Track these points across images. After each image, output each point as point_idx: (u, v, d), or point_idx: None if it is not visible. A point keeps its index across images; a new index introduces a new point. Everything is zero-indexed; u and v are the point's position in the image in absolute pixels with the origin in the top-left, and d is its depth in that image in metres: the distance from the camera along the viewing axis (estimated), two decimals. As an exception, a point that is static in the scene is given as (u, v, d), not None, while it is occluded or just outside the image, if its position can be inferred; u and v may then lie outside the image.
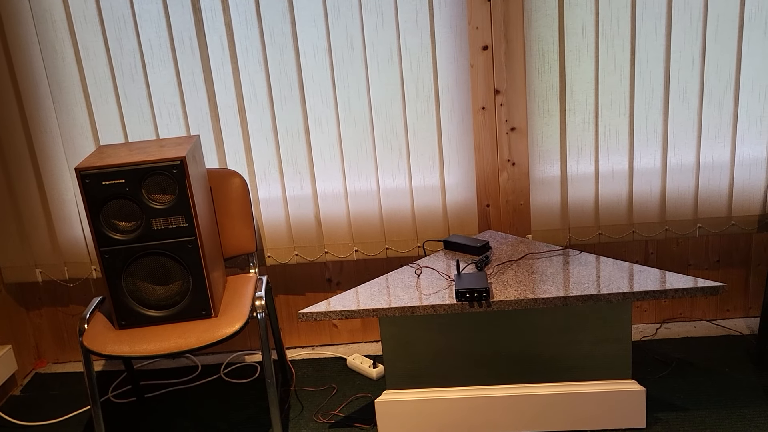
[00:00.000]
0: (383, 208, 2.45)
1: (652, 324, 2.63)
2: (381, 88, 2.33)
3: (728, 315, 2.61)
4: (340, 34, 2.27)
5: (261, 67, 2.31)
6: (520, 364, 2.06)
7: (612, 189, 2.39)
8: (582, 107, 2.32)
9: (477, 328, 2.04)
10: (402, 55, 2.29)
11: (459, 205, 2.45)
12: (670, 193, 2.37)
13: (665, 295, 1.88)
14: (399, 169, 2.41)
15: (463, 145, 2.39)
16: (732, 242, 2.50)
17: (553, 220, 2.44)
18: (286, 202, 2.45)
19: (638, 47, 2.24)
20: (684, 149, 2.33)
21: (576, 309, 1.99)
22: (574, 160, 2.38)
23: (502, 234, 2.40)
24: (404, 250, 2.50)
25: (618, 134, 2.33)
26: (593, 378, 2.06)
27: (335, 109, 2.35)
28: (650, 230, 2.43)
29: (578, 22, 2.23)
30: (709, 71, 2.24)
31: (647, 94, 2.28)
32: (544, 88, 2.31)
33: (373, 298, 2.03)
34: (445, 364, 2.08)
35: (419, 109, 2.35)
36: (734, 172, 2.34)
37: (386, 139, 2.38)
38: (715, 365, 2.34)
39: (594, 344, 2.02)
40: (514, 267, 2.12)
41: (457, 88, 2.34)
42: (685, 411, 2.13)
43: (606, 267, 2.07)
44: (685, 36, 2.22)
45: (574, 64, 2.28)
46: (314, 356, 2.66)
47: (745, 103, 2.27)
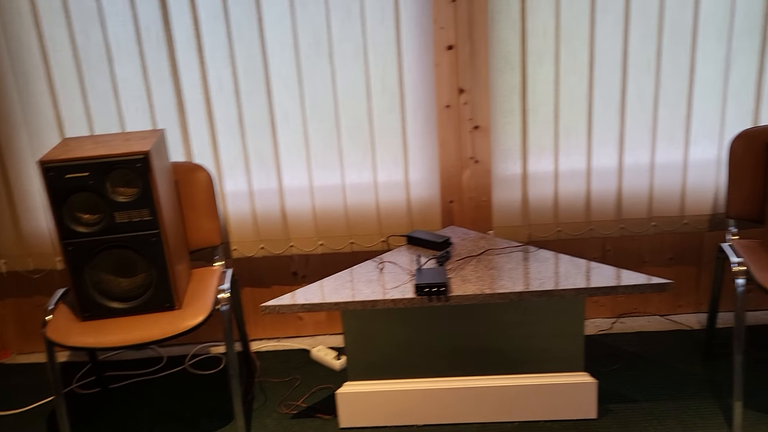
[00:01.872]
0: (348, 202, 2.49)
1: (608, 318, 2.72)
2: (347, 85, 2.36)
3: (680, 310, 2.70)
4: (306, 30, 2.30)
5: (228, 62, 2.33)
6: (478, 357, 2.13)
7: (571, 187, 2.46)
8: (543, 107, 2.38)
9: (437, 321, 2.09)
10: (368, 53, 2.33)
11: (423, 201, 2.50)
12: (625, 192, 2.45)
13: (615, 292, 1.96)
14: (364, 164, 2.45)
15: (427, 142, 2.44)
16: (685, 240, 2.59)
17: (515, 217, 2.51)
18: (252, 196, 2.48)
19: (597, 50, 2.31)
20: (639, 150, 2.40)
21: (532, 304, 2.06)
22: (535, 159, 2.44)
23: (464, 230, 2.46)
24: (369, 244, 2.54)
25: (577, 134, 2.40)
26: (548, 371, 2.13)
27: (301, 104, 2.38)
28: (607, 228, 2.51)
29: (540, 25, 2.29)
30: (664, 75, 2.32)
31: (605, 96, 2.35)
32: (507, 88, 2.37)
33: (336, 291, 2.07)
34: (406, 356, 2.14)
35: (385, 106, 2.39)
36: (687, 173, 2.42)
37: (352, 135, 2.42)
38: (666, 358, 2.43)
39: (549, 338, 2.10)
40: (474, 262, 2.18)
41: (422, 86, 2.38)
42: (635, 402, 2.21)
43: (562, 264, 2.13)
44: (642, 41, 2.29)
45: (536, 65, 2.33)
46: (279, 348, 2.70)
47: (698, 107, 2.35)
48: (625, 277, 2.01)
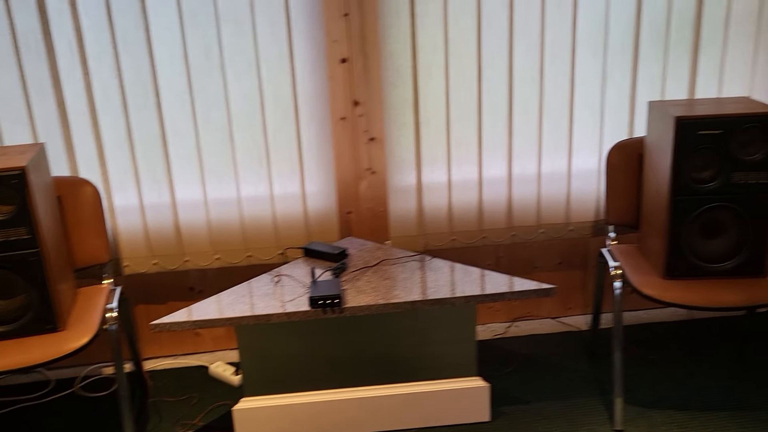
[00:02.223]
0: (244, 215, 2.46)
1: (503, 323, 2.81)
2: (240, 97, 2.34)
3: (570, 312, 2.84)
4: (196, 42, 2.27)
5: (114, 73, 2.26)
6: (375, 367, 2.16)
7: (464, 197, 2.54)
8: (435, 120, 2.44)
9: (334, 332, 2.11)
10: (260, 65, 2.32)
11: (320, 213, 2.51)
12: (515, 201, 2.55)
13: (503, 298, 2.04)
14: (260, 177, 2.43)
15: (323, 154, 2.45)
16: (571, 246, 2.72)
17: (411, 227, 2.56)
18: (144, 211, 2.41)
19: (484, 65, 2.40)
20: (527, 160, 2.51)
21: (425, 312, 2.11)
22: (428, 170, 2.50)
23: (361, 240, 2.49)
24: (266, 257, 2.52)
25: (468, 145, 2.48)
26: (443, 377, 2.18)
27: (193, 117, 2.34)
28: (499, 235, 2.60)
29: (429, 40, 2.35)
30: (547, 89, 2.44)
31: (493, 109, 2.45)
32: (400, 101, 2.42)
33: (230, 306, 2.04)
34: (304, 369, 2.13)
35: (279, 119, 2.38)
36: (571, 182, 2.55)
37: (246, 148, 2.40)
38: (556, 360, 2.54)
39: (443, 345, 2.15)
40: (369, 273, 2.21)
41: (316, 99, 2.39)
42: (526, 403, 2.30)
43: (454, 272, 2.20)
44: (525, 56, 2.39)
45: (427, 78, 2.40)
46: (176, 366, 2.63)
47: (579, 119, 2.48)
48: (513, 284, 2.09)
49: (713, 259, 2.09)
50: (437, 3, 2.32)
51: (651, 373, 2.43)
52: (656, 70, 2.45)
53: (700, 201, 2.04)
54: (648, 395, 2.30)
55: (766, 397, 2.26)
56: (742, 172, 2.01)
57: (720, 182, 2.02)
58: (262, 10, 2.26)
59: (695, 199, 2.04)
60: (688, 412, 2.21)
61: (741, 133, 1.99)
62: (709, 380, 2.37)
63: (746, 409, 2.21)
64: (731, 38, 2.43)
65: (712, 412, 2.20)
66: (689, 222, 2.05)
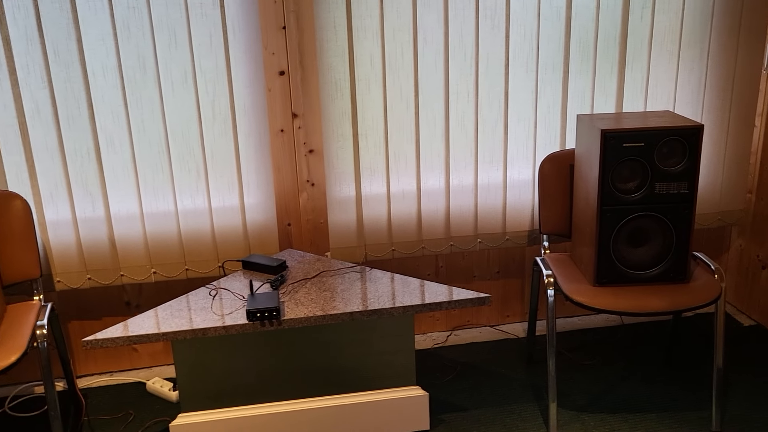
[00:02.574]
0: (182, 228, 2.43)
1: (444, 332, 2.86)
2: (176, 109, 2.32)
3: (509, 320, 2.90)
4: (130, 53, 2.24)
5: (45, 85, 2.21)
6: (315, 379, 2.16)
7: (403, 208, 2.57)
8: (373, 132, 2.47)
9: (273, 345, 2.10)
10: (197, 77, 2.31)
11: (259, 225, 2.50)
12: (453, 212, 2.60)
13: (440, 307, 2.07)
14: (197, 189, 2.41)
15: (262, 166, 2.45)
16: (509, 255, 2.79)
17: (350, 238, 2.58)
18: (77, 224, 2.35)
19: (421, 79, 2.44)
20: (464, 172, 2.56)
21: (364, 323, 2.13)
22: (367, 181, 2.53)
23: (301, 252, 2.49)
24: (205, 270, 2.50)
25: (406, 158, 2.52)
26: (383, 387, 2.20)
27: (128, 129, 2.31)
28: (438, 246, 2.64)
29: (366, 54, 2.39)
30: (482, 103, 2.50)
31: (430, 122, 2.49)
32: (338, 113, 2.44)
33: (167, 320, 2.02)
34: (242, 382, 2.12)
35: (216, 131, 2.37)
36: (507, 193, 2.61)
37: (183, 160, 2.37)
38: (494, 367, 2.59)
39: (382, 355, 2.17)
40: (308, 285, 2.21)
41: (254, 111, 2.39)
42: (465, 411, 2.34)
43: (393, 283, 2.22)
44: (461, 71, 2.45)
45: (365, 92, 2.43)
46: (112, 382, 2.57)
47: (513, 132, 2.55)
48: (450, 293, 2.13)
49: (640, 267, 2.18)
50: (374, 18, 2.35)
51: (585, 377, 2.50)
52: (585, 86, 2.54)
53: (626, 211, 2.12)
54: (582, 399, 2.37)
55: (691, 397, 2.36)
56: (664, 183, 2.10)
57: (644, 192, 2.11)
58: (198, 21, 2.25)
59: (622, 208, 2.12)
60: (619, 414, 2.29)
61: (663, 146, 2.09)
62: (639, 383, 2.45)
63: (673, 409, 2.30)
64: (654, 55, 2.55)
65: (642, 414, 2.28)
66: (616, 231, 2.14)
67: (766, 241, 2.75)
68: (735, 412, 2.27)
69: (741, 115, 2.67)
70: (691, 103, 2.63)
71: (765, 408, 2.29)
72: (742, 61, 2.61)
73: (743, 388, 2.40)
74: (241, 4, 2.27)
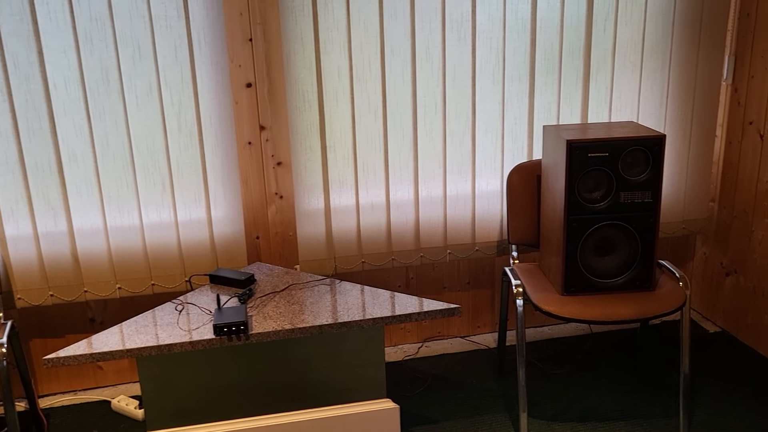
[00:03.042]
0: (148, 243, 2.39)
1: (415, 344, 2.85)
2: (141, 122, 2.29)
3: (479, 331, 2.90)
4: (93, 65, 2.21)
5: (4, 98, 2.16)
6: (285, 393, 2.13)
7: (372, 220, 2.57)
8: (341, 144, 2.47)
9: (241, 360, 2.07)
10: (162, 90, 2.28)
11: (227, 238, 2.47)
12: (422, 223, 2.60)
13: (410, 319, 2.06)
14: (163, 203, 2.38)
15: (229, 178, 2.43)
16: (478, 265, 2.80)
17: (320, 251, 2.56)
18: (38, 240, 2.30)
19: (389, 91, 2.45)
20: (432, 183, 2.57)
21: (333, 336, 2.11)
22: (336, 193, 2.52)
23: (269, 266, 2.46)
24: (172, 285, 2.46)
25: (375, 169, 2.52)
26: (353, 400, 2.18)
27: (91, 143, 2.27)
28: (408, 257, 2.64)
29: (334, 66, 2.39)
30: (449, 114, 2.51)
31: (399, 134, 2.50)
32: (306, 125, 2.43)
33: (132, 337, 1.97)
34: (210, 399, 2.08)
35: (182, 144, 2.35)
36: (475, 204, 2.63)
37: (148, 174, 2.34)
38: (465, 378, 2.59)
39: (352, 368, 2.15)
40: (277, 298, 2.19)
41: (220, 124, 2.37)
42: (436, 423, 2.33)
43: (362, 295, 2.21)
44: (428, 83, 2.46)
45: (333, 104, 2.42)
46: (76, 401, 2.51)
47: (480, 143, 2.56)
48: (419, 305, 2.12)
49: (607, 275, 2.20)
50: (341, 30, 2.36)
51: (555, 386, 2.51)
52: (551, 97, 2.57)
53: (592, 220, 2.14)
54: (552, 409, 2.38)
55: (659, 404, 2.38)
56: (629, 192, 2.13)
57: (610, 202, 2.14)
58: (163, 33, 2.23)
59: (588, 218, 2.14)
60: (589, 422, 2.30)
61: (627, 155, 2.12)
62: (608, 391, 2.47)
63: (642, 417, 2.32)
64: (618, 67, 2.59)
65: (611, 422, 2.30)
66: (583, 240, 2.16)
67: (729, 248, 2.81)
68: (702, 417, 2.30)
69: (702, 126, 2.73)
70: (654, 114, 2.67)
71: (731, 413, 2.32)
72: (702, 73, 2.67)
73: (710, 394, 2.43)
74: (207, 16, 2.26)
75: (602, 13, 2.52)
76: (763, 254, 2.62)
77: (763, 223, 2.61)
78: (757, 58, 2.57)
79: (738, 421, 2.28)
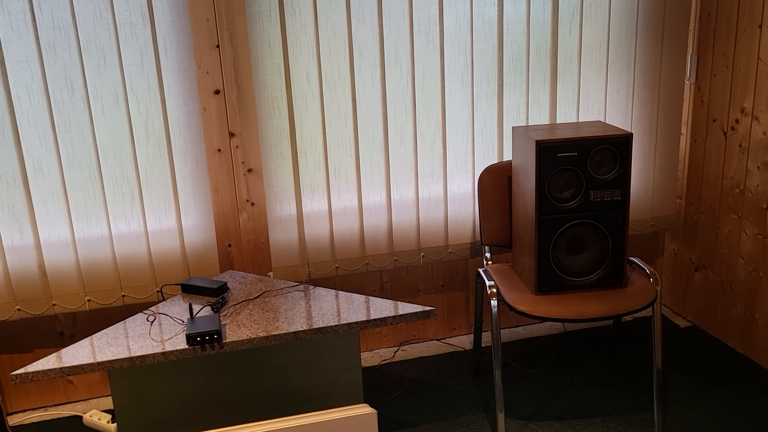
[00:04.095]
0: (117, 253, 2.36)
1: (391, 348, 2.84)
2: (107, 132, 2.26)
3: (455, 333, 2.91)
4: (57, 75, 2.17)
5: (-35, 109, 2.12)
6: (261, 402, 2.11)
7: (345, 225, 2.56)
8: (312, 149, 2.46)
9: (216, 370, 2.04)
10: (129, 98, 2.25)
11: (198, 247, 2.45)
12: (395, 227, 2.60)
13: (385, 323, 2.06)
14: (132, 213, 2.34)
15: (199, 186, 2.40)
16: (452, 268, 2.81)
17: (293, 257, 2.54)
18: (4, 253, 2.25)
19: (358, 95, 2.45)
20: (404, 186, 2.57)
21: (308, 342, 2.09)
22: (308, 199, 2.51)
23: (242, 273, 2.44)
24: (143, 296, 2.42)
25: (347, 174, 2.51)
26: (330, 406, 2.17)
27: (57, 153, 2.23)
28: (381, 261, 2.64)
29: (303, 71, 2.38)
30: (420, 117, 2.52)
31: (369, 138, 2.50)
32: (276, 131, 2.42)
33: (102, 349, 1.94)
34: (184, 410, 2.05)
35: (151, 153, 2.32)
36: (448, 206, 2.63)
37: (116, 184, 2.31)
38: (442, 380, 2.59)
39: (328, 374, 2.14)
40: (250, 306, 2.17)
41: (189, 131, 2.35)
42: (414, 426, 2.33)
43: (336, 300, 2.20)
44: (398, 86, 2.47)
45: (302, 109, 2.41)
46: (46, 418, 2.45)
47: (451, 145, 2.58)
48: (394, 308, 2.12)
49: (579, 274, 2.22)
50: (309, 35, 2.35)
51: (531, 386, 2.53)
52: (520, 98, 2.59)
53: (563, 219, 2.17)
54: (528, 408, 2.39)
55: (633, 400, 2.41)
56: (598, 191, 2.16)
57: (580, 201, 2.16)
58: (128, 40, 2.20)
59: (559, 217, 2.16)
60: (566, 420, 2.31)
61: (596, 155, 2.14)
62: (583, 389, 2.49)
63: (617, 413, 2.34)
64: (584, 68, 2.62)
65: (587, 419, 2.31)
66: (555, 239, 2.18)
67: (697, 244, 2.86)
68: (676, 411, 2.33)
69: (668, 124, 2.77)
70: (621, 114, 2.71)
71: (704, 406, 2.35)
72: (666, 73, 2.71)
73: (683, 388, 2.46)
74: (173, 23, 2.24)
75: (567, 15, 2.55)
76: (730, 249, 2.67)
77: (729, 218, 2.66)
78: (719, 57, 2.62)
79: (711, 413, 2.31)
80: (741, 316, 2.65)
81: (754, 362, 2.60)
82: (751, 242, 2.56)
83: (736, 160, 2.59)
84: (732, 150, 2.61)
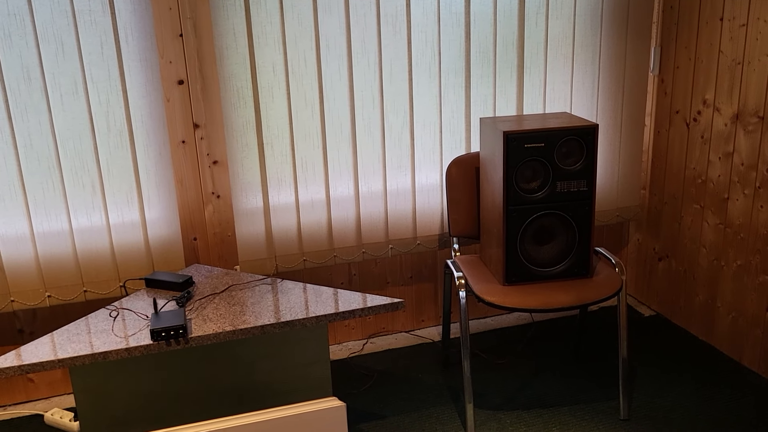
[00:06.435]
0: (78, 248, 2.30)
1: (360, 340, 2.83)
2: (66, 122, 2.19)
3: (424, 325, 2.91)
4: (13, 63, 2.10)
5: None
6: (228, 397, 2.08)
7: (312, 217, 2.54)
8: (279, 141, 2.43)
9: (181, 365, 2.00)
10: (89, 87, 2.19)
11: (163, 240, 2.40)
12: (363, 219, 2.59)
13: (353, 315, 2.04)
14: (93, 206, 2.29)
15: (163, 179, 2.35)
16: (421, 259, 2.80)
17: (260, 250, 2.51)
18: (-42, 249, 2.18)
19: (325, 86, 2.42)
20: (372, 178, 2.56)
21: (276, 336, 2.07)
22: (275, 191, 2.47)
23: (208, 267, 2.40)
24: (105, 291, 2.37)
25: (314, 166, 2.49)
26: (299, 400, 2.15)
27: (13, 144, 2.16)
28: (350, 254, 2.62)
29: (268, 61, 2.34)
30: (387, 108, 2.50)
31: (337, 129, 2.47)
32: (241, 123, 2.38)
33: (63, 346, 1.89)
34: (150, 407, 2.01)
35: (112, 144, 2.26)
36: (416, 198, 2.63)
37: (76, 176, 2.24)
38: (411, 372, 2.59)
39: (296, 368, 2.12)
40: (217, 300, 2.13)
41: (152, 122, 2.29)
42: (383, 419, 2.32)
43: (304, 293, 2.18)
44: (365, 77, 2.45)
45: (268, 100, 2.38)
46: (6, 417, 2.38)
47: (419, 137, 2.57)
48: (362, 300, 2.11)
49: (546, 264, 2.24)
50: (275, 25, 2.32)
51: (499, 376, 2.54)
52: (487, 90, 2.60)
53: (530, 210, 2.18)
54: (497, 398, 2.41)
55: (599, 388, 2.44)
56: (565, 182, 2.17)
57: (547, 192, 2.17)
58: (87, 29, 2.14)
59: (526, 208, 2.17)
60: (534, 410, 2.33)
61: (562, 145, 2.15)
62: (551, 378, 2.52)
63: (584, 401, 2.37)
64: (550, 59, 2.64)
65: (555, 408, 2.34)
66: (522, 230, 2.18)
67: (661, 234, 2.90)
68: (641, 399, 2.37)
69: (632, 116, 2.81)
70: (586, 105, 2.74)
71: (669, 393, 2.39)
72: (630, 64, 2.74)
73: (648, 376, 2.50)
74: (134, 11, 2.18)
75: (534, 7, 2.56)
76: (692, 239, 2.72)
77: (691, 208, 2.70)
78: (681, 49, 2.66)
79: (676, 400, 2.35)
80: (703, 305, 2.71)
81: (716, 349, 2.65)
82: (713, 232, 2.61)
83: (698, 151, 2.63)
84: (694, 141, 2.65)
